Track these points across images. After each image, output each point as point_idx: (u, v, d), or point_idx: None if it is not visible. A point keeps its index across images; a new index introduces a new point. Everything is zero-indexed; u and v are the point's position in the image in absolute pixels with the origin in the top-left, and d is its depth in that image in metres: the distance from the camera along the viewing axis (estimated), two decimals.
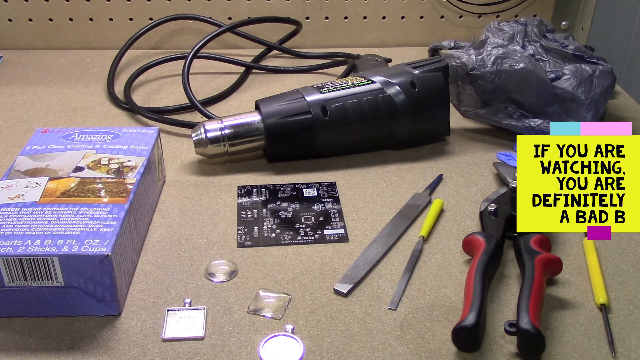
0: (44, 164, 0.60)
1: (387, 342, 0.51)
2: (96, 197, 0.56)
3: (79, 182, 0.58)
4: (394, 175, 0.73)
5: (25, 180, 0.58)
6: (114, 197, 0.56)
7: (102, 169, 0.60)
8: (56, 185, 0.57)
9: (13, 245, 0.50)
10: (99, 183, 0.58)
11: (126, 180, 0.59)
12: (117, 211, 0.54)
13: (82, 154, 0.62)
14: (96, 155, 0.62)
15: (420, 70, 0.77)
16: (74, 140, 0.64)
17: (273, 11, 1.06)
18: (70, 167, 0.60)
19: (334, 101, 0.74)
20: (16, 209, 0.54)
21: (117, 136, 0.65)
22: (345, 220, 0.65)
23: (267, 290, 0.56)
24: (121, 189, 0.57)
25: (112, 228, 0.52)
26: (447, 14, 1.10)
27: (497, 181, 0.73)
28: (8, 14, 1.05)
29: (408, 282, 0.57)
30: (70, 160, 0.61)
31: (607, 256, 0.60)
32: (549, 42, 0.82)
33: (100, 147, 0.63)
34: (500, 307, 0.54)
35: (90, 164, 0.60)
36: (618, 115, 0.87)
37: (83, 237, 0.51)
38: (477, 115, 0.81)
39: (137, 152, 0.63)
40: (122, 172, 0.59)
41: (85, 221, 0.53)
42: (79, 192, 0.56)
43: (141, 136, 0.66)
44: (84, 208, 0.54)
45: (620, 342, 0.51)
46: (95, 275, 0.50)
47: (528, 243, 0.56)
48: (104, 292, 0.51)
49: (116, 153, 0.62)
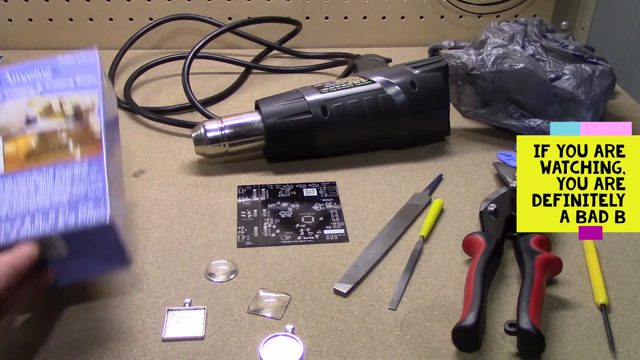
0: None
1: (387, 342, 0.51)
2: (66, 154, 0.50)
3: (39, 138, 0.51)
4: (394, 175, 0.73)
5: None
6: (85, 148, 0.50)
7: (57, 116, 0.52)
8: (15, 147, 0.50)
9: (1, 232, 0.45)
10: (62, 134, 0.51)
11: (90, 124, 0.52)
12: (96, 164, 0.49)
13: (26, 100, 0.53)
14: (43, 99, 0.53)
15: (420, 70, 0.77)
16: (9, 85, 0.55)
17: (273, 11, 1.06)
18: (21, 120, 0.52)
19: (334, 101, 0.74)
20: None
21: (55, 70, 0.56)
22: (345, 220, 0.65)
23: (267, 290, 0.56)
24: (88, 136, 0.51)
25: (100, 184, 0.48)
26: (447, 14, 1.10)
27: (497, 181, 0.72)
28: (8, 14, 1.05)
29: (408, 282, 0.57)
30: (16, 110, 0.53)
31: (607, 256, 0.60)
32: (549, 42, 0.82)
33: (43, 88, 0.54)
34: (500, 307, 0.54)
35: (41, 111, 0.52)
36: (618, 115, 0.87)
37: (74, 204, 0.47)
38: (477, 115, 0.81)
39: (86, 85, 0.55)
40: (80, 116, 0.52)
41: (68, 185, 0.48)
42: (45, 151, 0.50)
43: (82, 63, 0.57)
44: (60, 170, 0.49)
45: (620, 342, 0.51)
46: (101, 240, 0.47)
47: (528, 243, 0.56)
48: (112, 250, 0.48)
49: (64, 92, 0.54)
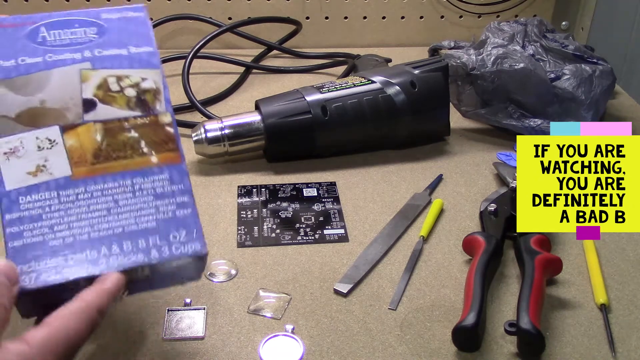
0: (35, 98, 0.44)
1: (387, 342, 0.51)
2: (141, 155, 0.43)
3: (105, 131, 0.44)
4: (394, 175, 0.73)
5: (30, 136, 0.42)
6: (161, 151, 0.44)
7: (118, 100, 0.45)
8: (79, 141, 0.43)
9: (87, 261, 0.40)
10: (131, 129, 0.44)
11: (159, 117, 0.45)
12: (178, 174, 0.44)
13: (76, 72, 0.45)
14: (97, 74, 0.45)
15: (420, 70, 0.77)
16: (48, 44, 0.46)
17: (273, 11, 1.06)
18: (77, 102, 0.44)
19: (334, 101, 0.74)
20: (51, 193, 0.41)
21: (101, 29, 0.47)
22: (345, 220, 0.65)
23: (267, 290, 0.56)
24: (161, 134, 0.44)
25: (189, 208, 0.43)
26: (447, 14, 1.10)
27: (497, 181, 0.72)
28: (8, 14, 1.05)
29: (408, 282, 0.57)
30: (68, 86, 0.45)
31: (607, 256, 0.60)
32: (549, 42, 0.82)
33: (92, 54, 0.46)
34: (500, 307, 0.54)
35: (98, 91, 0.45)
36: (618, 115, 0.87)
37: (164, 230, 0.41)
38: (477, 115, 0.81)
39: (143, 58, 0.47)
40: (146, 103, 0.45)
41: (151, 202, 0.42)
42: (116, 150, 0.43)
43: (131, 24, 0.48)
44: (139, 179, 0.43)
45: (620, 342, 0.51)
46: (188, 265, 0.43)
47: (528, 243, 0.56)
48: (194, 271, 0.45)
49: (118, 65, 0.46)
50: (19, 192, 0.41)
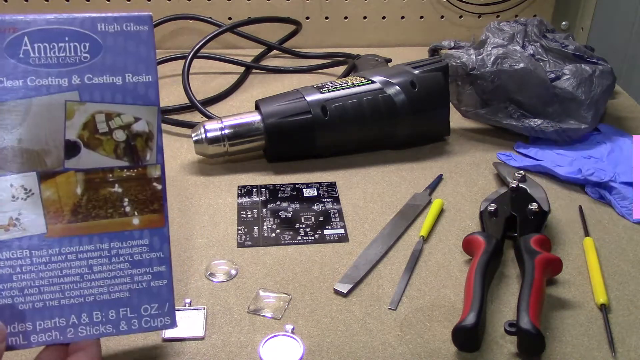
0: (11, 135, 0.37)
1: (387, 342, 0.51)
2: (122, 215, 0.39)
3: (86, 185, 0.39)
4: (394, 175, 0.73)
5: (4, 182, 0.37)
6: (144, 212, 0.40)
7: (105, 145, 0.39)
8: (56, 193, 0.38)
9: (55, 328, 0.38)
10: (115, 183, 0.39)
11: (147, 170, 0.40)
12: (158, 243, 0.40)
13: (61, 105, 0.38)
14: (84, 109, 0.39)
15: (420, 70, 0.77)
16: (31, 62, 0.37)
17: (273, 11, 1.06)
18: (58, 144, 0.38)
19: (334, 101, 0.74)
20: (23, 252, 0.38)
21: (95, 45, 0.38)
22: (345, 220, 0.65)
23: (267, 290, 0.56)
24: (147, 192, 0.40)
25: (164, 279, 0.40)
26: (447, 14, 1.10)
27: (497, 181, 0.72)
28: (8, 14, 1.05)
29: (408, 282, 0.57)
30: (50, 123, 0.38)
31: (607, 256, 0.60)
32: (549, 42, 0.82)
33: (81, 80, 0.38)
34: (500, 307, 0.54)
35: (85, 134, 0.39)
36: (618, 115, 0.87)
37: (136, 302, 0.40)
38: (477, 115, 0.81)
39: (139, 91, 0.40)
40: (135, 151, 0.40)
41: (127, 270, 0.40)
42: (96, 207, 0.39)
43: (131, 42, 0.39)
44: (116, 243, 0.39)
45: (620, 342, 0.51)
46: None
47: (528, 243, 0.56)
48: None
49: (110, 98, 0.39)
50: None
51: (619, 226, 0.65)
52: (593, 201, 0.69)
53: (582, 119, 0.76)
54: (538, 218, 0.61)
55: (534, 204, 0.61)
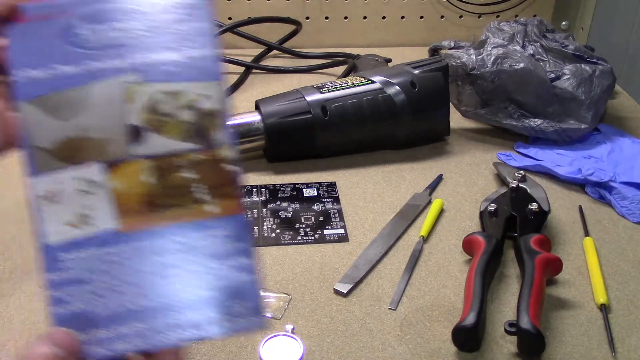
0: (72, 124, 0.35)
1: (387, 342, 0.51)
2: (195, 202, 0.35)
3: (155, 172, 0.35)
4: (394, 175, 0.73)
5: (69, 175, 0.35)
6: (219, 198, 0.35)
7: (170, 128, 0.35)
8: (127, 184, 0.35)
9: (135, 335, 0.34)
10: (186, 167, 0.35)
11: (219, 151, 0.36)
12: (238, 231, 0.36)
13: (120, 88, 0.35)
14: (144, 90, 0.35)
15: (420, 70, 0.77)
16: (86, 46, 0.35)
17: (273, 11, 1.06)
18: (120, 130, 0.35)
19: (334, 101, 0.74)
20: (95, 251, 0.35)
21: (148, 21, 0.36)
22: (345, 220, 0.65)
23: (267, 290, 0.56)
24: (220, 175, 0.36)
25: (249, 272, 0.36)
26: (447, 14, 1.10)
27: (497, 181, 0.72)
28: None
29: (408, 282, 0.57)
30: (111, 108, 0.35)
31: (607, 256, 0.60)
32: (549, 42, 0.82)
33: (138, 60, 0.35)
34: (500, 307, 0.54)
35: (148, 117, 0.35)
36: (618, 115, 0.87)
37: (219, 300, 0.35)
38: (477, 115, 0.81)
39: (200, 65, 0.36)
40: (204, 132, 0.36)
41: (206, 264, 0.35)
42: (167, 196, 0.35)
43: (186, 14, 0.36)
44: (192, 234, 0.35)
45: (620, 342, 0.51)
46: None
47: (528, 243, 0.56)
48: None
49: (171, 77, 0.36)
50: (59, 247, 0.34)
51: (619, 226, 0.65)
52: (593, 201, 0.69)
53: (582, 119, 0.76)
54: (538, 218, 0.61)
55: (534, 204, 0.61)
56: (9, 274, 0.58)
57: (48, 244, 0.34)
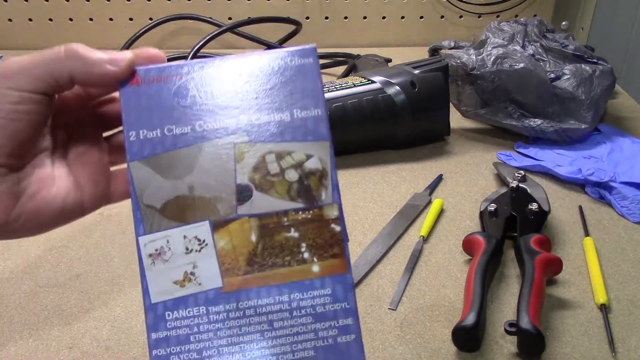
0: (183, 183, 0.36)
1: (387, 342, 0.51)
2: (300, 262, 0.36)
3: (260, 231, 0.36)
4: (394, 175, 0.73)
5: (178, 234, 0.35)
6: (324, 258, 0.36)
7: (277, 187, 0.36)
8: (230, 242, 0.36)
9: None
10: (291, 227, 0.36)
11: (324, 211, 0.36)
12: (342, 292, 0.36)
13: (230, 147, 0.36)
14: (254, 150, 0.36)
15: (420, 70, 0.77)
16: (198, 107, 0.36)
17: (273, 11, 1.06)
18: (230, 190, 0.36)
19: (334, 101, 0.74)
20: (200, 309, 0.35)
21: (259, 82, 0.37)
22: (345, 221, 0.65)
23: None
24: (325, 235, 0.36)
25: (353, 334, 0.35)
26: (447, 14, 1.10)
27: (497, 181, 0.73)
28: (8, 14, 1.05)
29: (408, 282, 0.57)
30: (220, 167, 0.36)
31: (607, 256, 0.60)
32: (549, 42, 0.82)
33: (249, 121, 0.36)
34: (500, 307, 0.54)
35: (256, 177, 0.36)
36: (618, 115, 0.87)
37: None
38: (477, 115, 0.81)
39: (308, 126, 0.37)
40: (310, 191, 0.36)
41: (310, 325, 0.35)
42: (272, 255, 0.36)
43: (297, 75, 0.37)
44: (297, 294, 0.35)
45: (620, 342, 0.51)
46: None
47: (528, 243, 0.56)
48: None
49: (279, 137, 0.37)
50: (165, 305, 0.35)
51: (619, 226, 0.65)
52: (593, 201, 0.69)
53: (582, 119, 0.76)
54: (538, 218, 0.61)
55: (534, 204, 0.61)
56: (9, 274, 0.58)
57: (154, 302, 0.35)
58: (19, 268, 0.58)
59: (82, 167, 0.38)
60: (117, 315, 0.53)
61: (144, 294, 0.34)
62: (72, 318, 0.53)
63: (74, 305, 0.54)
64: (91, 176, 0.38)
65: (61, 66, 0.34)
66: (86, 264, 0.59)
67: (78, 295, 0.55)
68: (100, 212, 0.66)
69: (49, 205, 0.36)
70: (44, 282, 0.57)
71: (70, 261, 0.59)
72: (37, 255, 0.60)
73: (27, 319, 0.53)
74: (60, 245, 0.62)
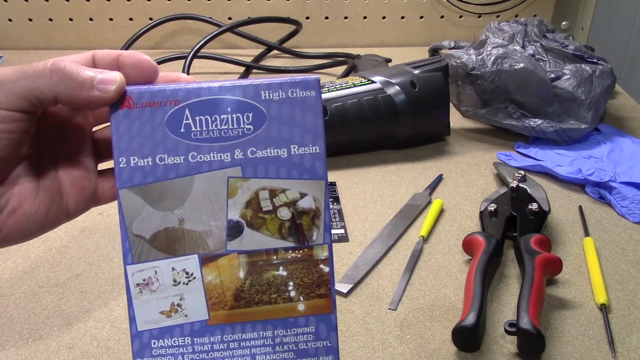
0: (173, 215, 0.35)
1: (387, 342, 0.51)
2: (286, 301, 0.36)
3: (249, 268, 0.36)
4: (394, 175, 0.73)
5: (166, 265, 0.35)
6: (311, 297, 0.36)
7: (269, 225, 0.36)
8: (218, 277, 0.36)
9: None
10: (280, 265, 0.36)
11: (314, 251, 0.36)
12: (325, 331, 0.36)
13: (223, 182, 0.36)
14: (247, 185, 0.36)
15: (420, 70, 0.77)
16: (192, 137, 0.35)
17: (273, 11, 1.06)
18: (220, 225, 0.36)
19: (334, 101, 0.74)
20: (185, 340, 0.35)
21: (258, 115, 0.35)
22: (345, 220, 0.65)
23: None
24: (314, 275, 0.36)
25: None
26: (447, 14, 1.10)
27: (497, 181, 0.73)
28: (8, 14, 1.05)
29: (408, 282, 0.57)
30: (212, 201, 0.36)
31: (607, 256, 0.60)
32: (549, 42, 0.82)
33: (244, 154, 0.35)
34: (500, 307, 0.54)
35: (248, 213, 0.36)
36: (618, 115, 0.87)
37: None
38: (477, 115, 0.81)
39: (305, 164, 0.36)
40: (301, 231, 0.37)
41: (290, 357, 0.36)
42: (259, 292, 0.36)
43: (297, 109, 0.36)
44: (281, 331, 0.36)
45: (620, 342, 0.51)
46: None
47: (528, 243, 0.56)
48: None
49: (275, 173, 0.36)
50: (151, 334, 0.35)
51: (619, 226, 0.65)
52: (593, 201, 0.69)
53: (582, 119, 0.76)
54: (538, 218, 0.61)
55: (534, 204, 0.61)
56: (9, 274, 0.58)
57: (140, 330, 0.35)
58: (19, 268, 0.58)
59: (67, 172, 0.36)
60: (117, 315, 0.53)
61: (131, 321, 0.35)
62: (72, 318, 0.53)
63: (74, 305, 0.54)
64: (77, 181, 0.37)
65: (45, 85, 0.31)
66: (86, 264, 0.59)
67: (78, 295, 0.55)
68: (100, 212, 0.66)
69: (31, 218, 0.35)
70: (44, 282, 0.57)
71: (70, 261, 0.59)
72: (37, 255, 0.60)
73: (27, 319, 0.53)
74: (60, 245, 0.62)
